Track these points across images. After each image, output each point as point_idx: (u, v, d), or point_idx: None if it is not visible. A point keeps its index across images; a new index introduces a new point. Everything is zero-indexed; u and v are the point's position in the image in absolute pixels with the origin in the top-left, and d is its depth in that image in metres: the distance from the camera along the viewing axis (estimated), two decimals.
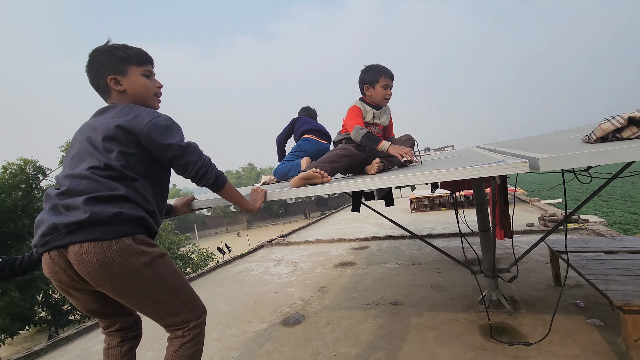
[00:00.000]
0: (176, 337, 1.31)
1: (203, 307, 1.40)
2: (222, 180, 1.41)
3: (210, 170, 1.36)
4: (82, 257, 1.10)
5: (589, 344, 2.24)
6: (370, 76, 2.20)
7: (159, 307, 1.26)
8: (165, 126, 1.30)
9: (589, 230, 5.21)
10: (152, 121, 1.27)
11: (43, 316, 10.41)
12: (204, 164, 1.34)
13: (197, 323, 1.33)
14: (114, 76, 1.35)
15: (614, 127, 1.22)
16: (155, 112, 1.34)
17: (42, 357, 3.23)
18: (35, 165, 9.20)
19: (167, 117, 1.34)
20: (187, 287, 1.34)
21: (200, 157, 1.34)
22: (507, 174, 2.60)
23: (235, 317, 3.55)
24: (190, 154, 1.32)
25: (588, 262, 2.61)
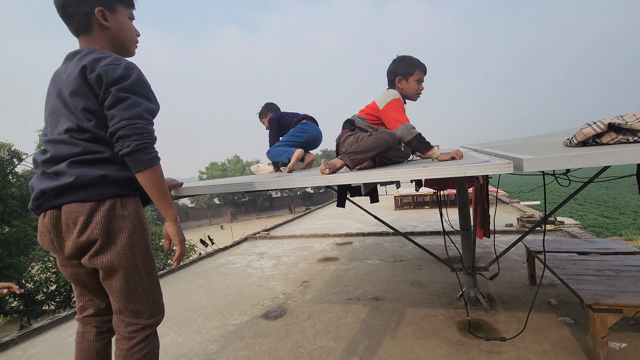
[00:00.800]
0: (122, 337, 1.23)
1: (162, 307, 1.32)
2: (147, 158, 1.11)
3: (133, 135, 1.09)
4: (69, 216, 1.13)
5: (559, 340, 2.33)
6: (404, 68, 2.08)
7: (123, 284, 1.19)
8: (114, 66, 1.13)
9: (564, 232, 5.40)
10: (110, 63, 1.13)
11: (15, 306, 10.07)
12: (132, 126, 1.09)
13: (148, 323, 1.24)
14: (102, 9, 1.22)
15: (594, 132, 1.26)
16: (121, 58, 1.19)
17: (12, 348, 3.13)
18: (10, 149, 8.85)
19: (131, 64, 1.18)
20: (154, 277, 1.28)
21: (134, 116, 1.10)
22: (490, 175, 2.66)
23: (216, 309, 3.52)
24: (124, 108, 1.10)
25: (562, 262, 2.71)
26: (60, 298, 10.24)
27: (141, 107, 1.13)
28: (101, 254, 1.16)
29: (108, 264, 1.16)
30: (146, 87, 1.20)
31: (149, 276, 1.25)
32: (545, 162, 0.97)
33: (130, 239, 1.18)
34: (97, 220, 1.13)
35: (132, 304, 1.22)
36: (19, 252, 8.74)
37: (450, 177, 1.87)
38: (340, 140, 2.10)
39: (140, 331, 1.22)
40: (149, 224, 12.42)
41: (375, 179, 1.26)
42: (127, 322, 1.23)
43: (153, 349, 1.25)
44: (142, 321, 1.23)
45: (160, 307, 1.30)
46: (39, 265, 10.61)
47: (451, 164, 1.28)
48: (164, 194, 1.18)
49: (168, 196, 1.21)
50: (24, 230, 8.77)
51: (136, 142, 1.08)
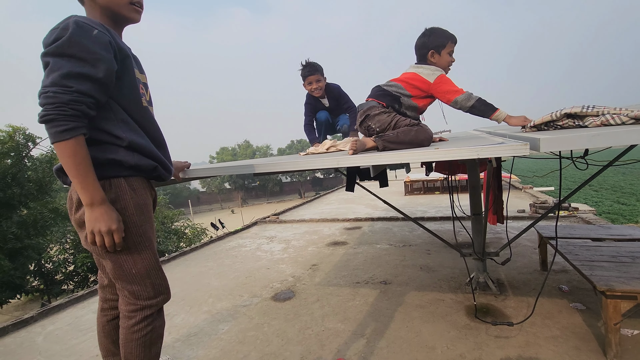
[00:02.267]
0: (123, 316, 1.24)
1: (164, 290, 1.29)
2: (54, 132, 0.99)
3: (45, 105, 0.98)
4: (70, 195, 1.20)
5: (569, 326, 2.31)
6: (436, 40, 2.00)
7: (116, 264, 1.18)
8: (55, 30, 1.03)
9: (578, 218, 5.29)
10: (51, 29, 1.05)
11: (35, 285, 10.49)
12: (45, 95, 0.98)
13: (148, 303, 1.23)
14: None
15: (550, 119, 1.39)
16: (67, 20, 1.06)
17: (32, 325, 3.26)
18: (25, 133, 9.00)
19: (69, 23, 1.04)
20: (150, 260, 1.24)
21: (49, 84, 0.99)
22: (504, 158, 2.58)
23: (226, 291, 3.59)
24: (45, 76, 1.01)
25: (575, 248, 2.65)
26: (78, 278, 10.61)
27: (58, 72, 0.99)
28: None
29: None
30: (81, 47, 1.02)
31: (143, 260, 1.21)
32: (563, 141, 0.92)
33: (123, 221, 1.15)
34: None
35: (128, 285, 1.21)
36: (37, 234, 9.02)
37: (463, 160, 1.82)
38: (370, 112, 1.96)
39: (139, 311, 1.22)
40: (162, 207, 12.54)
41: (385, 160, 1.22)
42: (126, 301, 1.24)
43: (154, 329, 1.25)
44: (141, 302, 1.23)
45: (160, 289, 1.27)
46: (57, 247, 10.98)
47: (463, 145, 1.24)
48: (76, 172, 1.02)
49: (83, 176, 1.03)
50: (41, 212, 9.02)
51: (44, 113, 0.98)
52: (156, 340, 1.27)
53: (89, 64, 1.03)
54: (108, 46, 1.09)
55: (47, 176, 9.42)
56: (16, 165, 8.64)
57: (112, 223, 1.09)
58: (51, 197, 10.07)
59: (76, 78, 1.01)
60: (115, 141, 1.14)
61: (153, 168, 1.24)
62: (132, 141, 1.16)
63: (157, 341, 1.27)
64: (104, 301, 1.42)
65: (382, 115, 1.91)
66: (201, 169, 1.71)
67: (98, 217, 1.07)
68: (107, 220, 1.08)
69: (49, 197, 9.81)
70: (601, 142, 0.87)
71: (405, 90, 1.98)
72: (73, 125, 0.99)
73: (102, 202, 1.08)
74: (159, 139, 1.32)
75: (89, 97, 1.03)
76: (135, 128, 1.20)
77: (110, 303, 1.41)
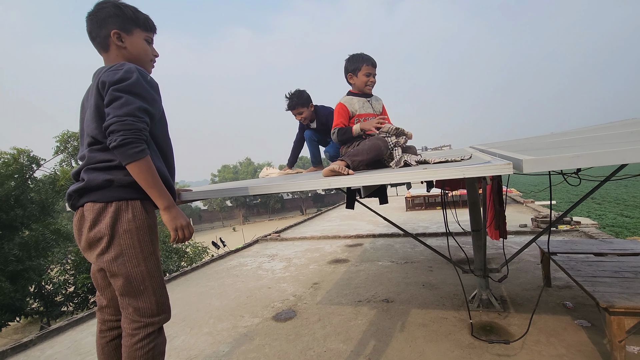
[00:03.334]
0: (126, 334, 1.30)
1: (167, 308, 1.37)
2: (132, 152, 1.17)
3: (122, 131, 1.16)
4: (85, 213, 1.28)
5: (575, 344, 2.27)
6: (352, 65, 2.24)
7: (126, 281, 1.27)
8: (117, 71, 1.25)
9: (581, 232, 5.26)
10: (114, 69, 1.25)
11: (35, 307, 10.37)
12: (122, 122, 1.17)
13: (151, 321, 1.30)
14: (118, 31, 1.36)
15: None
16: (125, 64, 1.29)
17: (31, 348, 3.22)
18: (29, 155, 9.13)
19: (132, 68, 1.27)
20: (157, 279, 1.33)
21: (126, 114, 1.18)
22: (494, 175, 2.60)
23: (227, 311, 3.55)
24: (117, 106, 1.19)
25: (577, 263, 2.64)
26: (78, 299, 10.49)
27: (133, 106, 1.20)
28: (106, 252, 1.25)
29: (111, 261, 1.25)
30: (144, 88, 1.26)
31: (152, 277, 1.30)
32: (544, 162, 0.96)
33: (133, 240, 1.26)
34: (104, 219, 1.24)
35: (135, 302, 1.29)
36: (38, 255, 8.99)
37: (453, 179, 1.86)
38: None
39: (143, 329, 1.29)
40: (163, 226, 12.55)
41: (374, 181, 1.26)
42: (130, 319, 1.30)
43: (156, 346, 1.31)
44: (145, 319, 1.29)
45: (163, 307, 1.35)
46: (58, 268, 10.92)
47: (450, 165, 1.27)
48: (152, 184, 1.23)
49: (157, 186, 1.25)
50: (43, 233, 9.02)
51: (122, 137, 1.16)
52: (158, 357, 1.32)
53: (149, 102, 1.28)
54: (158, 90, 1.37)
55: (50, 197, 9.48)
56: (19, 187, 8.72)
57: (186, 218, 1.32)
58: (53, 218, 10.09)
59: (144, 112, 1.24)
60: None
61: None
62: (158, 168, 1.31)
63: (159, 358, 1.33)
64: (102, 322, 1.44)
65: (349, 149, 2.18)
66: (199, 191, 1.75)
67: (177, 215, 1.29)
68: (184, 216, 1.31)
69: (51, 218, 9.84)
70: (580, 162, 0.90)
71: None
72: (144, 146, 1.21)
73: (174, 205, 1.31)
74: (173, 166, 1.48)
75: (149, 127, 1.27)
76: (159, 157, 1.37)
77: (109, 324, 1.43)
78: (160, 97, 1.38)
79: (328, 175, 1.69)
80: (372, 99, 2.32)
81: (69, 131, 10.01)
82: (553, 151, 1.26)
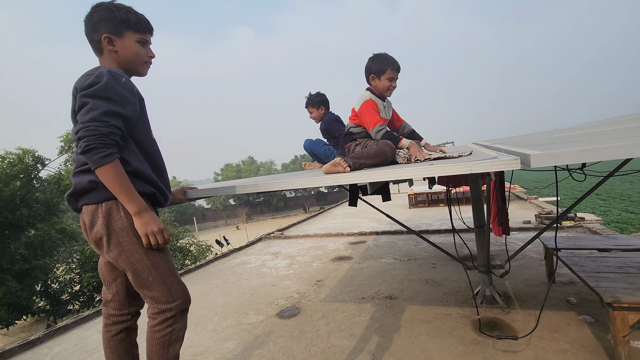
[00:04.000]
0: (148, 317, 1.38)
1: (181, 294, 1.39)
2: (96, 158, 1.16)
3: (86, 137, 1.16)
4: (83, 216, 1.32)
5: (578, 339, 2.27)
6: (377, 66, 2.14)
7: (134, 275, 1.32)
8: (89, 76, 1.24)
9: (585, 228, 5.24)
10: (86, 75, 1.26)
11: (42, 306, 10.48)
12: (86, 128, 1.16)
13: (167, 307, 1.35)
14: (108, 35, 1.35)
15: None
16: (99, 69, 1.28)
17: (39, 346, 3.26)
18: (34, 155, 9.19)
19: (103, 72, 1.25)
20: (164, 268, 1.36)
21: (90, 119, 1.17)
22: (503, 171, 2.60)
23: (232, 308, 3.58)
24: (84, 112, 1.19)
25: (581, 259, 2.63)
26: (84, 298, 10.59)
27: (99, 110, 1.18)
28: (109, 249, 1.31)
29: (116, 257, 1.31)
30: (113, 91, 1.23)
31: (157, 268, 1.34)
32: (553, 157, 0.95)
33: (130, 236, 1.29)
34: (98, 220, 1.28)
35: (148, 292, 1.35)
36: (44, 254, 9.08)
37: (461, 174, 1.87)
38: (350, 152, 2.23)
39: (160, 314, 1.35)
40: (167, 225, 12.64)
41: (381, 177, 1.26)
42: (150, 305, 1.38)
43: (173, 331, 1.36)
44: (161, 306, 1.36)
45: (177, 293, 1.38)
46: (63, 267, 11.02)
47: (458, 161, 1.27)
48: (119, 189, 1.21)
49: (126, 191, 1.22)
50: (48, 232, 9.11)
51: (86, 143, 1.15)
52: (175, 341, 1.37)
53: (119, 104, 1.25)
54: (133, 92, 1.33)
55: (55, 197, 9.55)
56: (25, 187, 8.78)
57: (159, 223, 1.30)
58: (58, 218, 10.17)
59: (112, 115, 1.21)
60: (124, 167, 1.26)
61: (152, 194, 1.39)
62: (136, 168, 1.32)
63: (176, 343, 1.38)
64: (107, 317, 1.47)
65: (356, 147, 2.16)
66: (203, 189, 1.77)
67: (148, 221, 1.27)
68: (156, 222, 1.29)
69: (56, 218, 9.92)
70: (589, 157, 0.90)
71: (354, 125, 2.23)
72: (111, 151, 1.19)
73: (147, 209, 1.28)
74: (161, 167, 1.48)
75: (120, 130, 1.24)
76: (141, 159, 1.37)
77: (113, 319, 1.47)
78: (137, 98, 1.35)
79: (329, 171, 1.70)
80: (387, 103, 2.29)
81: None
82: (559, 146, 1.26)
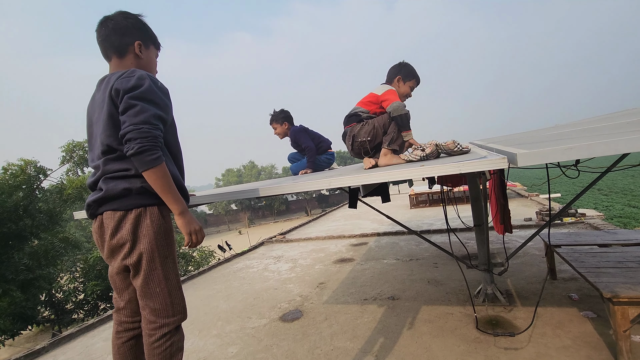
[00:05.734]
0: (145, 334, 1.37)
1: (181, 309, 1.42)
2: (149, 159, 1.22)
3: (138, 139, 1.21)
4: (105, 222, 1.33)
5: (581, 335, 2.28)
6: (406, 72, 2.51)
7: (144, 283, 1.33)
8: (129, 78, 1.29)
9: (586, 224, 5.24)
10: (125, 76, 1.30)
11: (46, 315, 10.50)
12: (138, 130, 1.21)
13: (166, 322, 1.35)
14: (141, 43, 1.47)
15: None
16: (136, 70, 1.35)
17: (44, 355, 3.28)
18: (36, 165, 9.24)
19: (144, 75, 1.32)
20: (173, 281, 1.38)
21: (142, 122, 1.22)
22: (502, 169, 2.62)
23: (235, 313, 3.59)
24: (133, 114, 1.23)
25: (581, 255, 2.64)
26: (88, 306, 10.60)
27: (149, 113, 1.25)
28: (128, 256, 1.32)
29: (133, 265, 1.32)
30: (157, 95, 1.31)
31: (167, 279, 1.36)
32: (538, 155, 0.97)
33: (151, 244, 1.31)
34: (125, 226, 1.30)
35: (151, 302, 1.35)
36: (48, 264, 9.10)
37: (455, 174, 1.89)
38: (354, 132, 2.40)
39: (158, 329, 1.35)
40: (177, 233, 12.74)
41: (373, 179, 1.28)
42: (147, 319, 1.36)
43: (173, 344, 1.37)
44: (160, 320, 1.35)
45: (179, 308, 1.40)
46: (67, 276, 11.03)
47: (447, 161, 1.29)
48: (167, 190, 1.28)
49: (172, 192, 1.30)
50: (52, 242, 9.14)
51: (139, 145, 1.20)
52: (176, 352, 1.39)
53: (162, 108, 1.32)
54: (168, 95, 1.41)
55: (58, 206, 9.60)
56: (28, 197, 8.83)
57: (199, 222, 1.38)
58: (61, 227, 10.20)
59: (159, 119, 1.29)
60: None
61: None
62: (170, 171, 1.35)
63: (177, 354, 1.39)
64: (119, 324, 1.48)
65: (363, 127, 2.36)
66: (205, 195, 1.79)
67: (190, 220, 1.35)
68: (197, 221, 1.38)
69: (59, 227, 9.95)
70: (575, 154, 0.92)
71: (364, 109, 2.44)
72: (160, 153, 1.26)
73: (187, 209, 1.36)
74: (183, 168, 1.54)
75: (162, 134, 1.31)
76: (171, 161, 1.42)
77: (125, 326, 1.47)
78: (171, 103, 1.43)
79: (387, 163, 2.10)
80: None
81: (74, 141, 10.12)
82: (549, 144, 1.28)
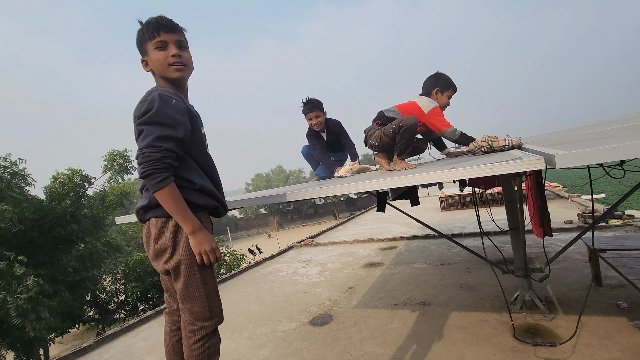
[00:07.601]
0: (184, 335, 1.42)
1: (218, 312, 1.45)
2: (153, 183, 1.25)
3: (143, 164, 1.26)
4: (150, 227, 1.39)
5: (631, 346, 2.12)
6: (445, 84, 2.54)
7: (184, 287, 1.37)
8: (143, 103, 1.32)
9: (635, 227, 4.86)
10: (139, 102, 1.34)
11: (91, 315, 11.18)
12: (142, 155, 1.26)
13: (204, 324, 1.39)
14: (143, 58, 1.47)
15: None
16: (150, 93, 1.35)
17: (90, 353, 3.50)
18: (81, 174, 9.91)
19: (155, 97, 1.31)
20: (210, 286, 1.42)
21: (145, 146, 1.26)
22: (540, 170, 2.50)
23: (265, 316, 3.65)
24: (140, 140, 1.29)
25: (630, 260, 2.46)
26: (129, 307, 11.18)
27: (151, 137, 1.27)
28: (169, 261, 1.37)
29: (173, 269, 1.38)
30: (165, 115, 1.30)
31: (205, 284, 1.40)
32: (578, 156, 0.92)
33: (189, 250, 1.36)
34: (166, 232, 1.36)
35: (190, 305, 1.39)
36: (92, 266, 9.69)
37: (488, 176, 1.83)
38: (368, 133, 2.54)
39: (197, 331, 1.39)
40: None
41: (402, 183, 1.27)
42: (187, 321, 1.42)
43: (211, 346, 1.42)
44: (199, 322, 1.40)
45: (215, 312, 1.44)
46: (110, 278, 11.69)
47: (478, 162, 1.25)
48: (174, 211, 1.29)
49: (181, 212, 1.30)
50: (96, 246, 9.73)
51: (143, 169, 1.25)
52: (213, 354, 1.44)
53: (171, 127, 1.31)
54: (184, 112, 1.37)
55: (101, 212, 10.22)
56: (74, 204, 9.47)
57: (212, 242, 1.36)
58: (104, 232, 10.86)
59: (164, 139, 1.28)
60: (189, 185, 1.38)
61: (215, 207, 1.49)
62: (202, 185, 1.41)
63: (214, 356, 1.45)
64: (172, 323, 1.59)
65: (374, 133, 2.46)
66: (236, 200, 1.85)
67: (201, 240, 1.33)
68: (209, 241, 1.35)
69: (102, 232, 10.59)
70: (618, 154, 0.86)
71: (401, 115, 2.42)
72: (165, 175, 1.26)
73: (201, 229, 1.35)
74: (218, 182, 1.57)
75: (173, 152, 1.30)
76: (202, 174, 1.45)
77: (179, 324, 1.57)
78: (187, 117, 1.39)
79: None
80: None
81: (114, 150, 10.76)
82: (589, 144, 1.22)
